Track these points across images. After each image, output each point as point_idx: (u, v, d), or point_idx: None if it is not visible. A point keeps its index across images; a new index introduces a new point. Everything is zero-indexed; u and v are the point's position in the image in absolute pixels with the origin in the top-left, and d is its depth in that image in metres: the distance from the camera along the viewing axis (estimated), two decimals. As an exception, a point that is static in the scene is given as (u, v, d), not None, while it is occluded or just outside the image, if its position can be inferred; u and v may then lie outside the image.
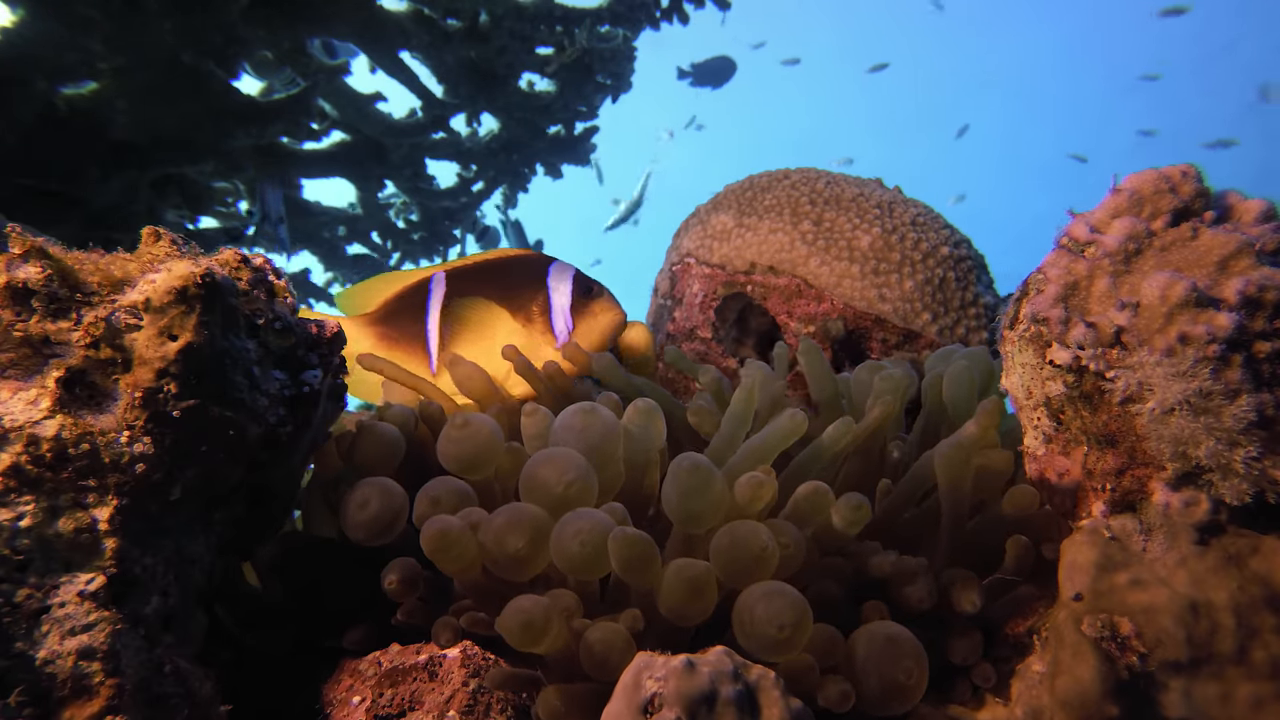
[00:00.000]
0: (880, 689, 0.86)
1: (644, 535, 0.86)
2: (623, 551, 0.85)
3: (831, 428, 1.07)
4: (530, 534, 0.88)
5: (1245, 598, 0.85)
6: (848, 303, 1.81)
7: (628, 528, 0.86)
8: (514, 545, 0.87)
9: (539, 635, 0.83)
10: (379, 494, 0.99)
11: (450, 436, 0.99)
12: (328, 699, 0.92)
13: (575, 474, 0.91)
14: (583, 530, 0.85)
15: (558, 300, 1.44)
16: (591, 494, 0.93)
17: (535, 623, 0.83)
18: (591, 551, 0.85)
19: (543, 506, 0.91)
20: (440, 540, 0.90)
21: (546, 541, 0.89)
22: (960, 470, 0.98)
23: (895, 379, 1.14)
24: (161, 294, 0.80)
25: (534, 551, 0.88)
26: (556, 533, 0.87)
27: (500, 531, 0.88)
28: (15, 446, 0.74)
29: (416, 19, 3.13)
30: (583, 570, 0.88)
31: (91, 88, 2.43)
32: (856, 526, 0.95)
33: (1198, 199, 0.95)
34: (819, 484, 0.95)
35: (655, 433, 1.01)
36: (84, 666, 0.73)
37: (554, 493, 0.91)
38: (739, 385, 1.11)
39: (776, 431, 1.02)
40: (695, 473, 0.88)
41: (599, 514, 0.88)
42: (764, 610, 0.82)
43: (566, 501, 0.91)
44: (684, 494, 0.88)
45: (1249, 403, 0.84)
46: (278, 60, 3.06)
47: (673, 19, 3.62)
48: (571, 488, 0.90)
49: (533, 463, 0.93)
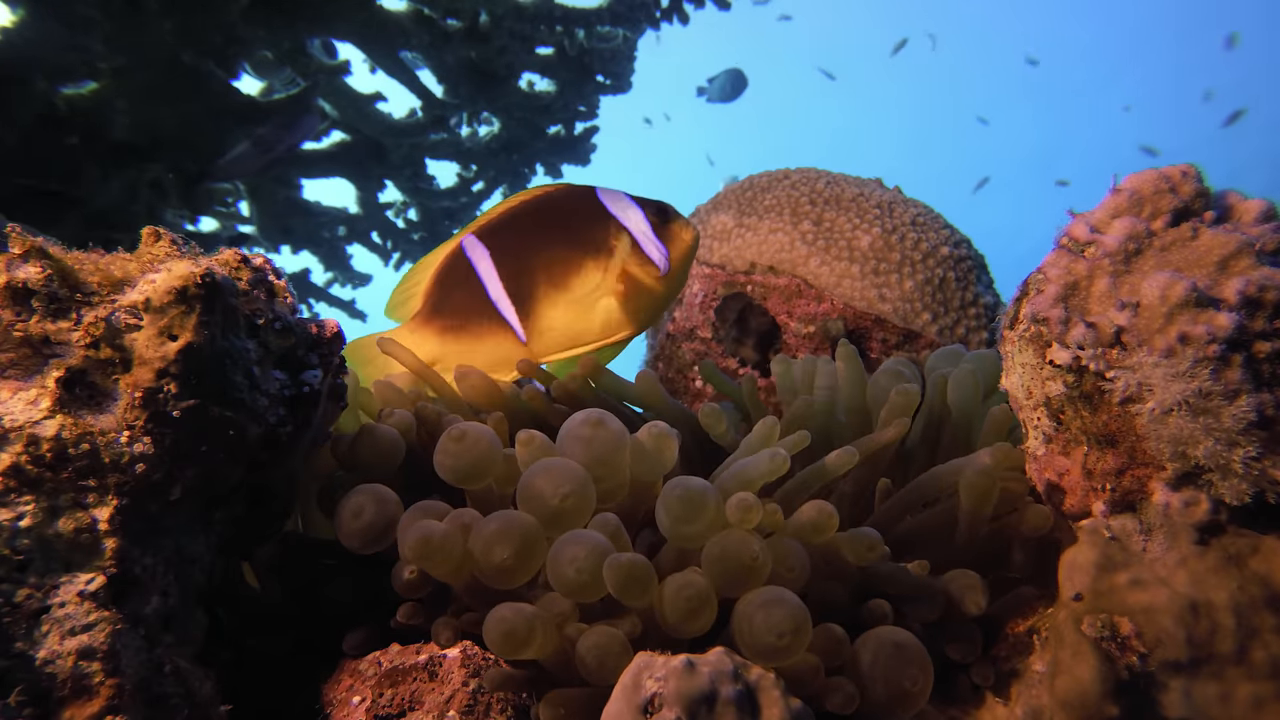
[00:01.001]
0: (886, 696, 0.86)
1: (640, 559, 0.85)
2: (618, 578, 0.85)
3: (835, 455, 1.06)
4: (518, 545, 0.87)
5: (1245, 598, 0.85)
6: (848, 303, 1.81)
7: (622, 555, 0.86)
8: (500, 556, 0.87)
9: (521, 644, 0.83)
10: (373, 502, 0.98)
11: (447, 449, 0.97)
12: (328, 699, 0.92)
13: (571, 486, 0.90)
14: (578, 558, 0.85)
15: (636, 227, 1.31)
16: (588, 507, 0.92)
17: (517, 632, 0.83)
18: (588, 579, 0.85)
19: (537, 516, 0.91)
20: (423, 548, 0.89)
21: (535, 552, 0.89)
22: (986, 497, 0.98)
23: (912, 395, 1.14)
24: (161, 294, 0.80)
25: (521, 563, 0.88)
26: (552, 557, 0.87)
27: (489, 540, 0.88)
28: (15, 446, 0.75)
29: (416, 19, 3.14)
30: (579, 595, 0.88)
31: (91, 88, 2.43)
32: (867, 563, 0.95)
33: (1198, 199, 0.95)
34: (823, 504, 0.94)
35: (667, 459, 1.00)
36: (84, 666, 0.73)
37: (549, 505, 0.90)
38: (758, 422, 1.09)
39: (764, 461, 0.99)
40: (685, 500, 0.88)
41: (594, 537, 0.88)
42: (763, 619, 0.82)
43: (561, 514, 0.90)
44: (675, 520, 0.89)
45: (1249, 403, 0.84)
46: (278, 60, 3.06)
47: (673, 19, 3.62)
48: (567, 500, 0.90)
49: (530, 473, 0.93)
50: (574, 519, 0.91)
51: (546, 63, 3.57)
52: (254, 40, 2.72)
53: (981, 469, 0.98)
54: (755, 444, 1.08)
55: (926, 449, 1.22)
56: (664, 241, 1.32)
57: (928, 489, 1.08)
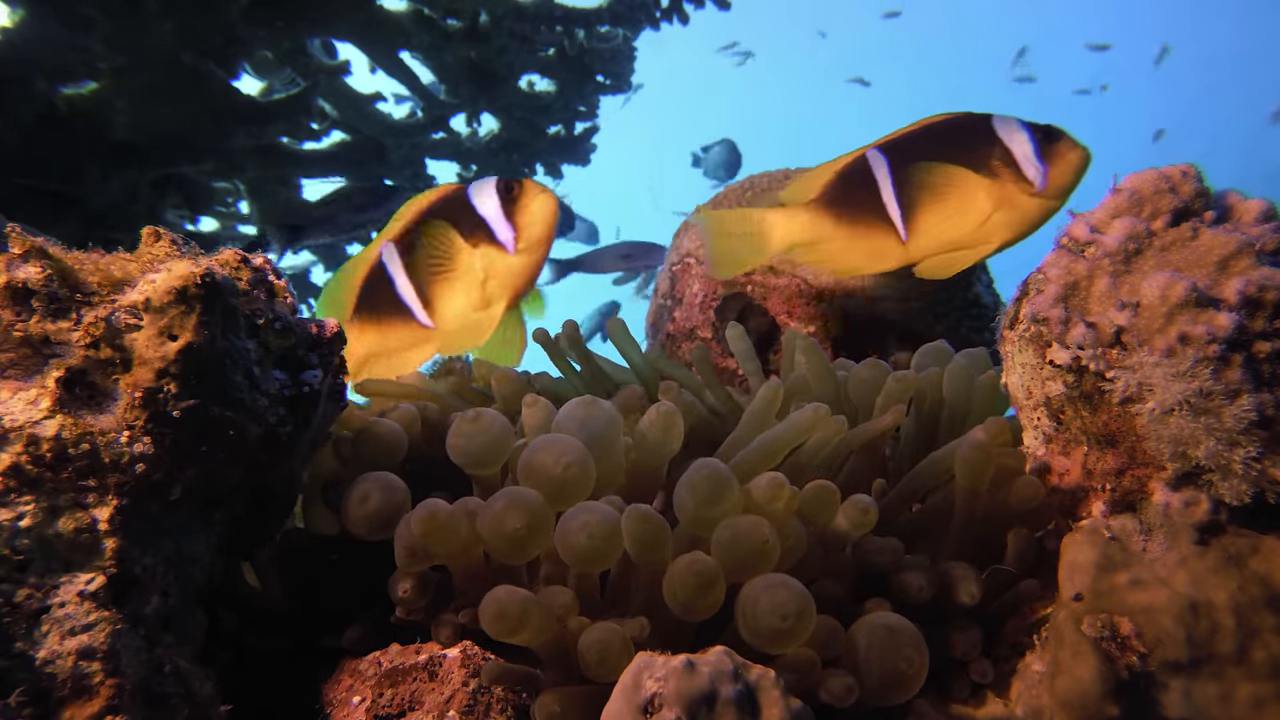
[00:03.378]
0: (881, 679, 0.86)
1: (657, 515, 0.87)
2: (638, 529, 0.86)
3: (816, 439, 1.08)
4: (528, 516, 0.88)
5: (1245, 598, 0.85)
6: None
7: (641, 506, 0.87)
8: (512, 525, 0.87)
9: (515, 625, 0.83)
10: (380, 488, 0.99)
11: (461, 430, 0.99)
12: (328, 699, 0.92)
13: (573, 457, 0.91)
14: (589, 524, 0.86)
15: (1019, 148, 1.47)
16: (589, 479, 0.93)
17: (509, 612, 0.83)
18: (600, 544, 0.86)
19: (541, 490, 0.91)
20: (429, 523, 0.90)
21: (544, 525, 0.89)
22: (981, 471, 0.98)
23: (908, 383, 1.15)
24: (161, 294, 0.80)
25: (532, 534, 0.88)
26: (561, 527, 0.88)
27: (499, 514, 0.88)
28: (15, 446, 0.74)
29: (416, 19, 3.14)
30: (589, 563, 0.89)
31: (91, 88, 2.43)
32: (863, 529, 0.95)
33: (1198, 199, 0.95)
34: (826, 483, 0.95)
35: (672, 438, 1.02)
36: (84, 666, 0.73)
37: (552, 474, 0.91)
38: (758, 391, 1.13)
39: (793, 427, 1.03)
40: (713, 480, 0.89)
41: (603, 507, 0.89)
42: (768, 601, 0.83)
43: (565, 484, 0.91)
44: (701, 502, 0.89)
45: (1249, 403, 0.84)
46: (278, 60, 3.06)
47: (673, 19, 3.62)
48: (570, 469, 0.90)
49: (530, 449, 0.93)
50: (578, 489, 0.92)
51: (546, 63, 3.57)
52: (254, 40, 2.72)
53: (975, 443, 0.98)
54: (759, 411, 1.11)
55: (923, 445, 1.22)
56: (1047, 160, 1.47)
57: (926, 477, 1.08)
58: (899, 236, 1.55)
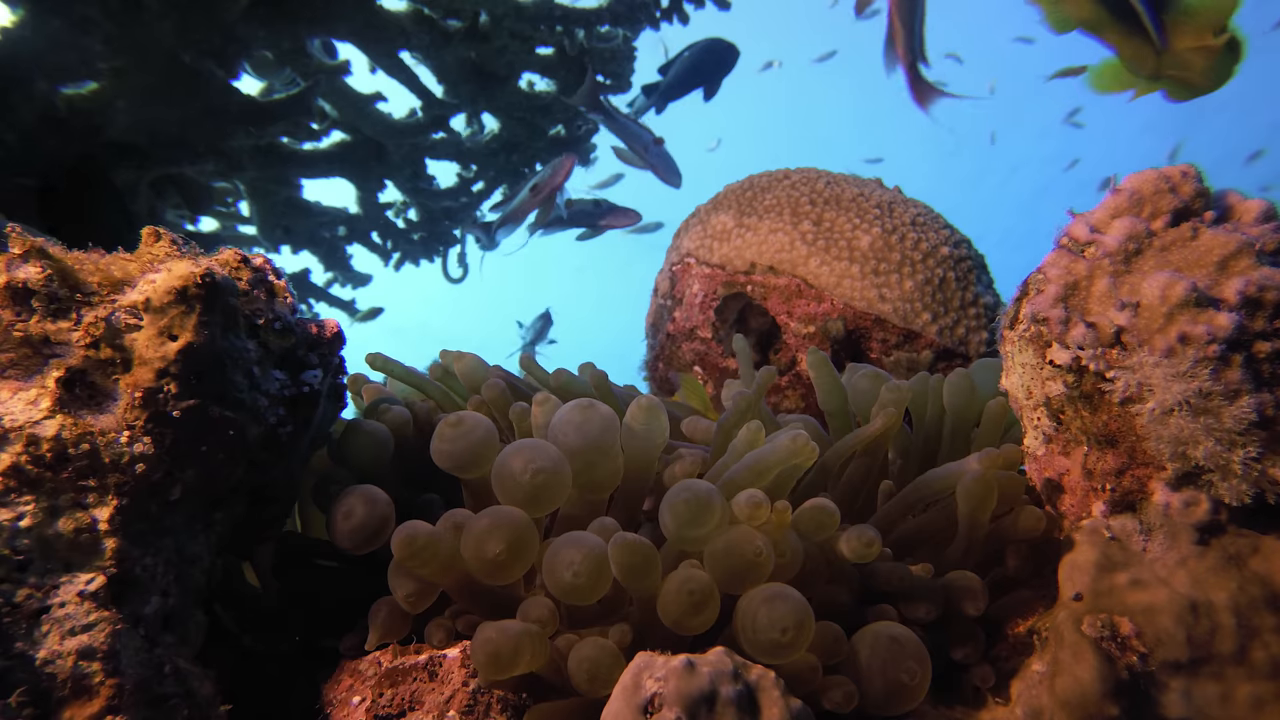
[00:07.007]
0: (884, 690, 0.86)
1: (644, 542, 0.86)
2: (624, 559, 0.85)
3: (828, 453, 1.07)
4: (510, 539, 0.87)
5: (1245, 598, 0.85)
6: (848, 303, 1.81)
7: (627, 535, 0.86)
8: (493, 550, 0.87)
9: (508, 664, 0.83)
10: (363, 503, 0.98)
11: (444, 435, 0.98)
12: (328, 699, 0.92)
13: (542, 463, 0.90)
14: (574, 562, 0.85)
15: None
16: (562, 487, 0.92)
17: (503, 654, 0.83)
18: (584, 583, 0.85)
19: (511, 498, 0.90)
20: (409, 546, 0.89)
21: (527, 544, 0.88)
22: (984, 503, 0.98)
23: (902, 390, 1.14)
24: (161, 294, 0.80)
25: (513, 557, 0.88)
26: (548, 561, 0.87)
27: (480, 536, 0.88)
28: (15, 446, 0.74)
29: (416, 19, 3.13)
30: (576, 599, 0.88)
31: (91, 88, 2.43)
32: (865, 560, 0.95)
33: (1198, 199, 0.95)
34: (825, 502, 0.94)
35: (658, 429, 1.01)
36: (84, 666, 0.73)
37: (520, 482, 0.90)
38: (730, 409, 1.13)
39: (777, 451, 1.00)
40: (693, 503, 0.88)
41: (590, 538, 0.88)
42: (766, 615, 0.82)
43: (535, 492, 0.90)
44: (682, 524, 0.88)
45: (1249, 403, 0.84)
46: (278, 60, 3.06)
47: (673, 19, 3.62)
48: (539, 476, 0.90)
49: (503, 455, 0.93)
50: (549, 496, 0.91)
51: (546, 63, 3.57)
52: (254, 40, 2.72)
53: (975, 476, 0.98)
54: (740, 447, 1.07)
55: (926, 454, 1.22)
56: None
57: (925, 492, 1.08)
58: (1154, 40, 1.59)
